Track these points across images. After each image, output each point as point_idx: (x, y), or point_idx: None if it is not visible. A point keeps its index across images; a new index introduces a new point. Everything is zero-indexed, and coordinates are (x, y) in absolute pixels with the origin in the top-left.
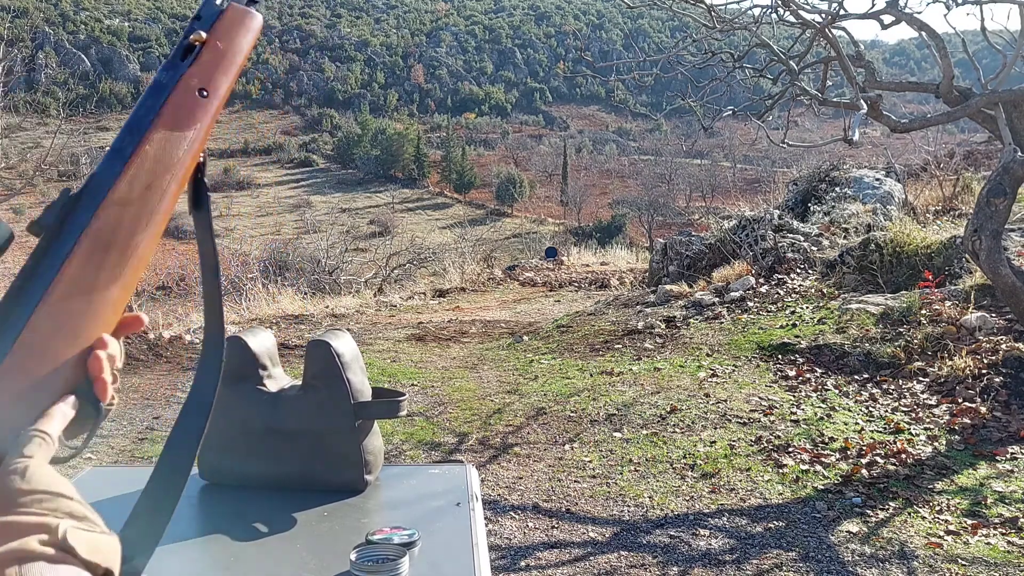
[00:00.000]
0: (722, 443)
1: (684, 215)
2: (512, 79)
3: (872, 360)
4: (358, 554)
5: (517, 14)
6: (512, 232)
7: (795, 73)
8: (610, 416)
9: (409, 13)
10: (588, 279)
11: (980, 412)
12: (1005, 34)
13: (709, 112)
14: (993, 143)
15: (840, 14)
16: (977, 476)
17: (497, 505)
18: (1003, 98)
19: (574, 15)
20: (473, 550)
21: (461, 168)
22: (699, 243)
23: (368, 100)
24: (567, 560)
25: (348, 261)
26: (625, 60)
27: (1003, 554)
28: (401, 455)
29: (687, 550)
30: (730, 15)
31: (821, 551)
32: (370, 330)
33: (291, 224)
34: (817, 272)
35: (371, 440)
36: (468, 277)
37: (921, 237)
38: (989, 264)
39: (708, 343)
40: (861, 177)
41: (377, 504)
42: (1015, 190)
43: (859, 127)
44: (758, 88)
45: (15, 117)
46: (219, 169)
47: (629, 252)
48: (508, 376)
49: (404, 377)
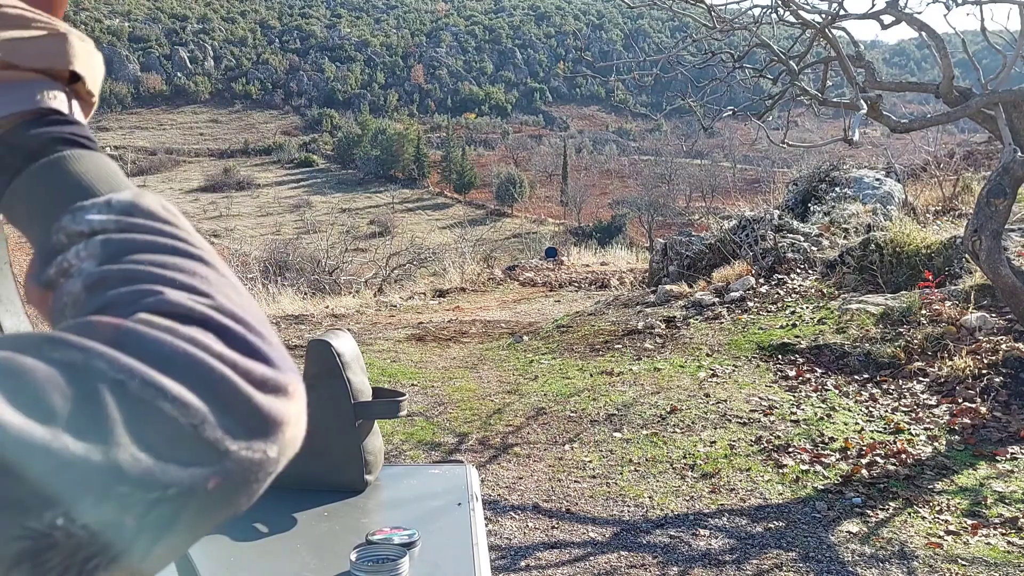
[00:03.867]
0: (722, 443)
1: (684, 215)
2: (512, 79)
3: (872, 360)
4: (358, 554)
5: (517, 14)
6: (512, 232)
7: (795, 73)
8: (610, 416)
9: (409, 13)
10: (588, 279)
11: (980, 412)
12: (1005, 34)
13: (709, 112)
14: (993, 143)
15: (840, 14)
16: (977, 476)
17: (497, 505)
18: (1003, 98)
19: (574, 15)
20: (473, 550)
21: (461, 168)
22: (699, 243)
23: (368, 100)
24: (567, 560)
25: (348, 261)
26: (625, 60)
27: (1003, 554)
28: (401, 455)
29: (687, 550)
30: (730, 15)
31: (821, 551)
32: (370, 330)
33: (291, 224)
34: (817, 272)
35: (371, 440)
36: (468, 277)
37: (921, 237)
38: (989, 264)
39: (708, 343)
40: (861, 177)
41: (377, 504)
42: (1015, 190)
43: (859, 127)
44: (758, 88)
45: None
46: (219, 169)
47: (629, 252)
48: (508, 376)
49: (404, 377)
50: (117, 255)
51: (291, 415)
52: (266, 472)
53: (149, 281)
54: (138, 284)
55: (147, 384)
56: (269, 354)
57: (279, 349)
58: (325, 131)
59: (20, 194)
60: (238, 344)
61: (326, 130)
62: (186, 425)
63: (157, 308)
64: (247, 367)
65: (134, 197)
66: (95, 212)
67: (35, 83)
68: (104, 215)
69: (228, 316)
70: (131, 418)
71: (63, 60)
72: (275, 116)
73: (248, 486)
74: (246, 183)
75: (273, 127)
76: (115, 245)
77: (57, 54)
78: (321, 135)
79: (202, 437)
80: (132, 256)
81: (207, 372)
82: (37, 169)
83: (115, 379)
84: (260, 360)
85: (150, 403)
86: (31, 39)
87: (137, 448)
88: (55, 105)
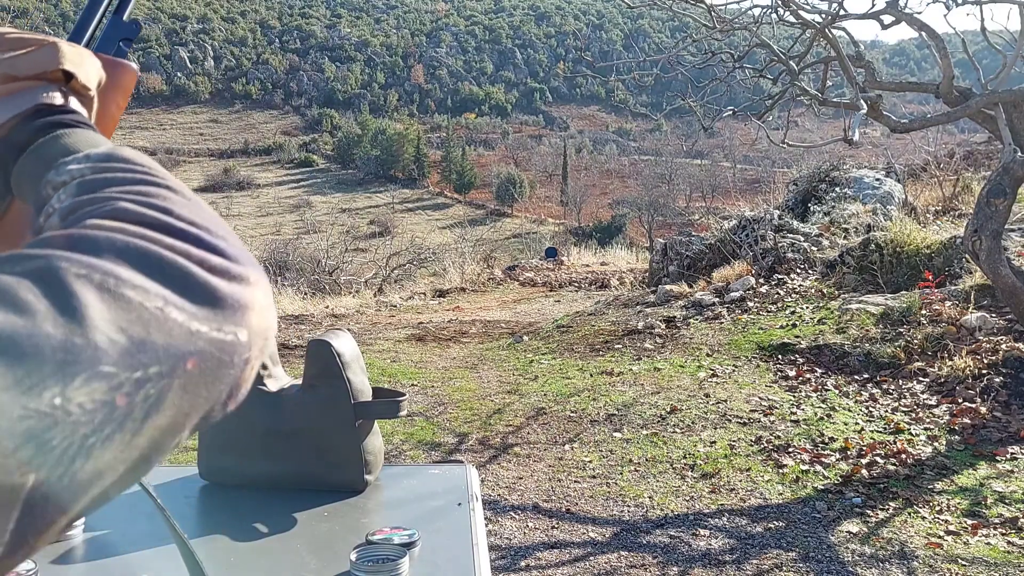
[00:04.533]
0: (722, 443)
1: (684, 215)
2: (512, 79)
3: (872, 360)
4: (358, 554)
5: (517, 14)
6: (512, 232)
7: (795, 73)
8: (610, 416)
9: (409, 13)
10: (588, 279)
11: (980, 412)
12: (1005, 34)
13: (709, 112)
14: (993, 143)
15: (840, 14)
16: (977, 476)
17: (497, 505)
18: (1003, 98)
19: (574, 15)
20: (473, 550)
21: (461, 168)
22: (699, 243)
23: (368, 100)
24: (567, 560)
25: (348, 261)
26: (625, 60)
27: (1003, 554)
28: (401, 455)
29: (687, 550)
30: (730, 15)
31: (821, 551)
32: (370, 330)
33: (291, 224)
34: (817, 272)
35: (371, 440)
36: (468, 277)
37: (921, 237)
38: (989, 264)
39: (708, 343)
40: (861, 177)
41: (377, 504)
42: (1015, 190)
43: (859, 127)
44: (758, 88)
45: None
46: (219, 169)
47: (629, 252)
48: (508, 376)
49: (404, 377)
50: (91, 190)
51: (255, 301)
52: (240, 356)
53: (109, 200)
54: (98, 204)
55: (107, 274)
56: (227, 250)
57: (239, 248)
58: (325, 131)
59: (22, 172)
60: (191, 239)
61: (326, 130)
62: (151, 308)
63: (110, 215)
64: (201, 256)
65: (111, 148)
66: (74, 163)
67: (36, 88)
68: (82, 164)
69: (183, 221)
70: (100, 306)
71: (54, 63)
72: (275, 116)
73: (225, 369)
74: (246, 183)
75: (273, 127)
76: (88, 183)
77: (48, 59)
78: (321, 135)
79: (169, 318)
80: (104, 189)
81: (158, 259)
82: (34, 148)
83: (77, 273)
84: (216, 253)
85: (113, 291)
86: (26, 54)
87: (112, 331)
88: (51, 101)
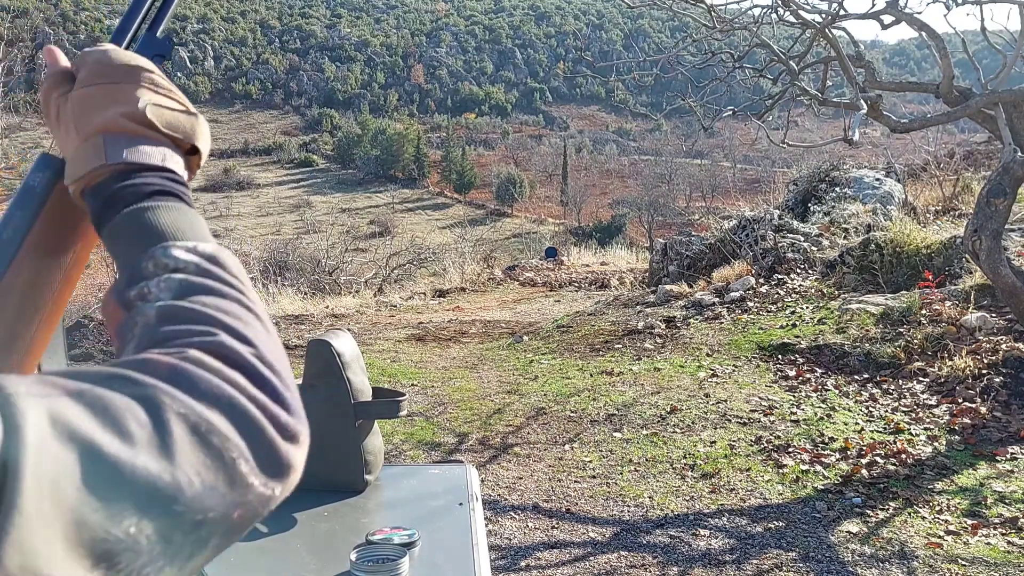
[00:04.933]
0: (722, 443)
1: (684, 215)
2: (512, 79)
3: (872, 360)
4: (358, 554)
5: (517, 14)
6: (512, 232)
7: (795, 73)
8: (610, 416)
9: (409, 13)
10: (588, 279)
11: (980, 412)
12: (1005, 34)
13: (709, 112)
14: (993, 143)
15: (840, 14)
16: (977, 476)
17: (497, 505)
18: (1003, 98)
19: (574, 15)
20: (473, 550)
21: (461, 168)
22: (699, 243)
23: (368, 100)
24: (567, 560)
25: (348, 261)
26: (625, 60)
27: (1003, 554)
28: (401, 455)
29: (687, 550)
30: (730, 15)
31: (821, 551)
32: (370, 330)
33: (291, 224)
34: (817, 272)
35: (371, 440)
36: (468, 277)
37: (921, 237)
38: (989, 264)
39: (708, 343)
40: (861, 177)
41: (377, 504)
42: (1015, 190)
43: (859, 127)
44: (758, 88)
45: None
46: (219, 169)
47: (629, 252)
48: (508, 376)
49: (404, 377)
50: (190, 294)
51: (299, 463)
52: (269, 510)
53: (209, 323)
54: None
55: (202, 418)
56: (291, 403)
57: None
58: (325, 131)
59: (123, 225)
60: (269, 390)
61: (326, 130)
62: (227, 458)
63: (210, 348)
64: (274, 412)
65: (216, 250)
66: (182, 252)
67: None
68: (188, 256)
69: (265, 365)
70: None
71: (191, 136)
72: (275, 116)
73: (254, 520)
74: (246, 183)
75: (273, 127)
76: (190, 286)
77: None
78: (321, 135)
79: (237, 470)
80: (202, 298)
81: (243, 412)
82: (142, 208)
83: (177, 412)
84: (283, 408)
85: (204, 435)
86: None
87: (193, 473)
88: (171, 166)
